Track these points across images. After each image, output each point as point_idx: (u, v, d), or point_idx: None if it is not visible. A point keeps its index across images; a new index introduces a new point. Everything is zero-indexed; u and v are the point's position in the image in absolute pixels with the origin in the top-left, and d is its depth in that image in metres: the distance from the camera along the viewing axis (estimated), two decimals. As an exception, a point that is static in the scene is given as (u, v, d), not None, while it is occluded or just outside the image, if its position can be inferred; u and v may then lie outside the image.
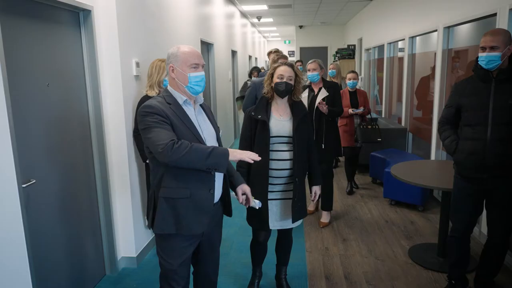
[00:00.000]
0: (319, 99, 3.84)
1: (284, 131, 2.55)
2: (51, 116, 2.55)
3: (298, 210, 2.59)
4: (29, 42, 2.35)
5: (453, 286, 2.81)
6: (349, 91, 5.02)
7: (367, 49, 9.60)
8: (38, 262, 2.35)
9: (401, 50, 7.23)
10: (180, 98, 1.95)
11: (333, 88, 3.93)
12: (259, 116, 2.52)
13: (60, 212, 2.63)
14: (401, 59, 6.60)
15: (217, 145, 2.06)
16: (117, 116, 3.09)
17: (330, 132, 3.93)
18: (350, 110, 4.84)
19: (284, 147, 2.56)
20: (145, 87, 3.20)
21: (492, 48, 2.36)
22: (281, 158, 2.55)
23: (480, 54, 2.43)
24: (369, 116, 5.09)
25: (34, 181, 2.31)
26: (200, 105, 2.08)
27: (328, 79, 5.31)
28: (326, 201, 4.14)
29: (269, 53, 4.90)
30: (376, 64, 8.77)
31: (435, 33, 5.01)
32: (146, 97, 3.10)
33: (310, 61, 3.96)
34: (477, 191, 2.57)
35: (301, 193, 2.61)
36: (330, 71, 5.77)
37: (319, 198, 4.27)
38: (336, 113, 3.95)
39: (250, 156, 1.85)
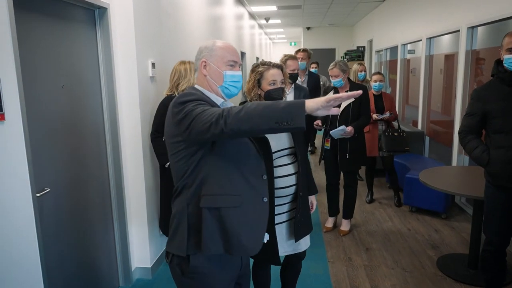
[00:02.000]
0: (344, 105, 3.65)
1: (284, 142, 2.18)
2: (66, 119, 2.40)
3: (301, 227, 2.19)
4: (43, 41, 2.20)
5: (490, 302, 2.64)
6: (374, 94, 4.64)
7: (378, 51, 9.44)
8: (52, 273, 2.20)
9: (410, 52, 7.08)
10: (216, 99, 1.65)
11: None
12: None
13: (73, 221, 2.48)
14: (418, 61, 6.43)
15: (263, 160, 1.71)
16: (133, 120, 2.94)
17: (356, 140, 3.69)
18: (374, 116, 4.47)
19: (287, 160, 2.19)
20: (167, 89, 3.05)
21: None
22: (286, 173, 2.17)
23: (507, 56, 2.29)
24: (396, 122, 4.70)
25: (48, 189, 2.16)
26: None
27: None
28: (347, 210, 3.97)
29: (297, 52, 4.67)
30: (388, 66, 8.60)
31: (445, 35, 4.87)
32: (172, 98, 2.95)
33: (330, 67, 3.66)
34: (510, 200, 2.39)
35: (305, 208, 2.24)
36: (359, 73, 5.22)
37: (337, 214, 4.11)
38: (363, 125, 3.67)
39: (349, 94, 1.29)
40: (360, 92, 1.32)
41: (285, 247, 2.24)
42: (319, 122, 3.67)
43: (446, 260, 3.36)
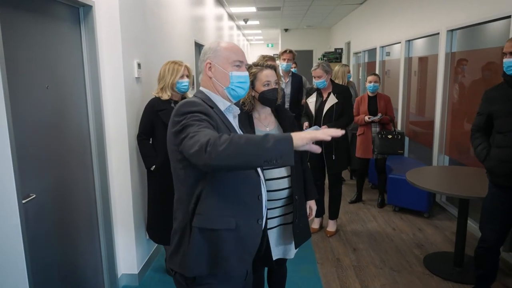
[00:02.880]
0: (327, 106, 3.66)
1: None
2: (51, 122, 2.29)
3: (300, 233, 2.17)
4: (26, 39, 2.09)
5: (479, 299, 2.70)
6: (368, 95, 4.58)
7: (356, 53, 9.56)
8: (37, 280, 2.08)
9: (386, 54, 7.21)
10: (222, 103, 1.60)
11: (343, 93, 3.68)
12: None
13: (58, 227, 2.37)
14: (393, 63, 6.55)
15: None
16: (119, 122, 2.85)
17: (341, 141, 3.67)
18: (366, 118, 4.45)
19: None
20: (155, 89, 2.96)
21: None
22: (278, 176, 2.13)
23: (505, 60, 2.38)
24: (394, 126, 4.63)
25: (34, 195, 2.05)
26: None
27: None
28: (333, 210, 3.98)
29: (282, 53, 4.61)
30: (366, 68, 8.73)
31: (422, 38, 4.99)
32: (157, 100, 2.88)
33: (314, 67, 3.66)
34: (510, 199, 2.45)
35: (302, 213, 2.20)
36: (348, 74, 5.25)
37: (323, 214, 4.13)
38: (342, 125, 3.62)
39: (328, 132, 1.26)
40: (343, 132, 1.30)
41: (275, 252, 2.21)
42: (307, 125, 3.67)
43: (432, 258, 3.41)
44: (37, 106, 2.16)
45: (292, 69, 7.38)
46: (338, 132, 1.28)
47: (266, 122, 2.23)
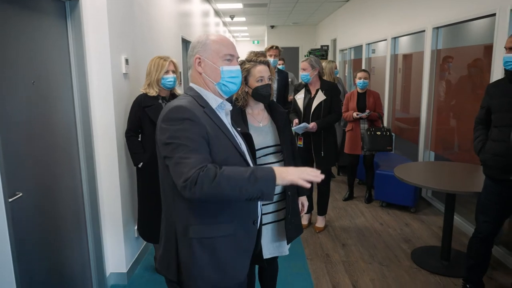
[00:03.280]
0: (315, 103, 3.67)
1: (269, 140, 2.18)
2: (37, 119, 2.23)
3: (293, 228, 2.18)
4: (11, 34, 2.03)
5: (469, 290, 2.75)
6: (358, 92, 4.57)
7: (342, 50, 9.62)
8: (24, 280, 2.04)
9: (373, 51, 7.27)
10: (214, 100, 1.51)
11: (331, 90, 3.69)
12: (239, 129, 1.91)
13: (45, 226, 2.32)
14: (378, 60, 6.61)
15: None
16: (107, 119, 2.81)
17: (329, 137, 3.72)
18: (354, 114, 4.47)
19: (272, 158, 2.17)
20: (143, 85, 2.92)
21: (511, 49, 2.37)
22: None
23: (505, 55, 2.44)
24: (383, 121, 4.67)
25: (20, 194, 2.00)
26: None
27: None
28: (322, 206, 4.00)
29: (268, 49, 4.59)
30: (352, 65, 8.79)
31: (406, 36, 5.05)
32: (144, 96, 2.84)
33: (303, 59, 3.73)
34: (505, 192, 2.51)
35: (295, 208, 2.22)
36: (335, 70, 5.31)
37: (311, 210, 4.15)
38: (330, 122, 3.67)
39: (307, 178, 1.34)
40: (322, 176, 1.37)
41: (270, 249, 2.22)
42: (296, 121, 3.67)
43: (420, 253, 3.46)
44: (23, 102, 2.11)
45: (280, 66, 7.39)
46: (318, 178, 1.35)
47: (259, 118, 2.23)
